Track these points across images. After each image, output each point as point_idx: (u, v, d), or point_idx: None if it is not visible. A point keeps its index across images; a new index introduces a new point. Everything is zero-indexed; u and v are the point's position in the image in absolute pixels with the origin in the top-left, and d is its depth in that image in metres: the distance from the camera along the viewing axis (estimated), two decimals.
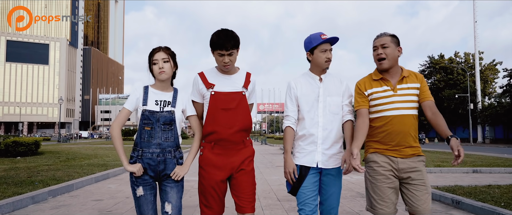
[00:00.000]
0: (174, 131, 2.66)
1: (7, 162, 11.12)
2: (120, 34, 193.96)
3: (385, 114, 2.74)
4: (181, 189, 2.72)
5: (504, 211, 4.64)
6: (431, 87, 60.14)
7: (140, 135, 2.62)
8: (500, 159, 13.76)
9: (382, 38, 2.78)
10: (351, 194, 6.69)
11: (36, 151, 14.77)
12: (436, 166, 11.11)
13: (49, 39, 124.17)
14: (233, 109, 2.68)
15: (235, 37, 2.63)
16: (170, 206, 2.62)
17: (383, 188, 2.72)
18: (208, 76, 2.76)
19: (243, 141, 2.73)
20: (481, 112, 48.56)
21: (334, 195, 2.80)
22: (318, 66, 2.84)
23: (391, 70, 2.80)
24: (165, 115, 2.62)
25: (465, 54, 58.98)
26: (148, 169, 2.61)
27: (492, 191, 6.10)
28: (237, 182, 2.71)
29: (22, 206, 5.49)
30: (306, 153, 2.78)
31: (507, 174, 9.93)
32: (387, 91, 2.77)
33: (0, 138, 13.78)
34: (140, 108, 2.63)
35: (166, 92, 2.74)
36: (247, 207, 2.68)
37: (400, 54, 2.80)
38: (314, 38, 2.79)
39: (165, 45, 2.75)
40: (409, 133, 2.70)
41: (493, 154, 17.75)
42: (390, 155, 2.73)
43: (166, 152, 2.63)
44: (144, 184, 2.61)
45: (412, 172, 2.68)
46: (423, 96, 2.77)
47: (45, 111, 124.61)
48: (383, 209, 2.70)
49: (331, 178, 2.80)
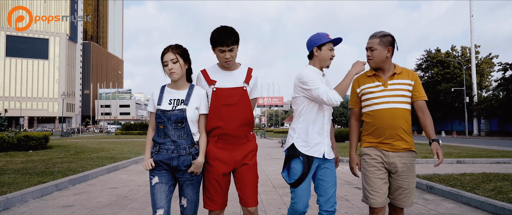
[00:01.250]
0: (186, 129, 2.69)
1: (21, 155, 11.86)
2: (119, 28, 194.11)
3: (376, 108, 2.90)
4: (198, 184, 2.79)
5: (466, 194, 5.41)
6: (428, 80, 60.90)
7: (157, 133, 2.74)
8: (485, 151, 14.54)
9: (370, 41, 2.94)
10: (340, 182, 7.45)
11: (46, 145, 15.51)
12: (423, 157, 11.89)
13: (49, 34, 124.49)
14: (235, 104, 2.75)
15: (235, 33, 2.72)
16: (185, 200, 2.73)
17: (374, 179, 2.87)
18: (210, 73, 2.84)
19: (246, 135, 2.80)
20: (477, 105, 49.32)
21: (332, 187, 2.91)
22: (323, 61, 2.96)
23: (383, 68, 2.95)
24: (176, 114, 2.67)
25: (462, 48, 59.63)
26: (163, 164, 2.70)
27: (464, 178, 6.85)
28: (240, 176, 2.78)
29: (48, 192, 6.25)
30: (314, 144, 2.88)
31: (488, 164, 10.71)
32: (379, 86, 2.92)
33: (12, 133, 14.50)
34: (156, 107, 2.74)
35: (181, 90, 2.78)
36: (250, 201, 2.76)
37: (389, 53, 2.91)
38: (323, 36, 2.94)
39: (175, 43, 2.79)
40: (400, 126, 2.83)
41: (482, 146, 18.52)
42: (382, 149, 2.88)
43: (181, 149, 2.69)
44: (160, 175, 2.70)
45: (400, 167, 2.84)
46: (416, 95, 2.92)
47: (45, 105, 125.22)
48: (374, 199, 2.84)
49: (328, 170, 2.92)
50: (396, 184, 2.87)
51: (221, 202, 2.76)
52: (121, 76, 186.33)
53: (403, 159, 2.83)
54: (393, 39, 2.90)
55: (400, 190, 2.85)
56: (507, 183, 6.05)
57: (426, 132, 2.90)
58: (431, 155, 12.50)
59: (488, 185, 5.99)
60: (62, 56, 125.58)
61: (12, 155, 11.99)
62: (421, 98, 2.90)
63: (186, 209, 2.72)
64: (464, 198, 5.39)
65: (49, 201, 5.68)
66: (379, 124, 2.85)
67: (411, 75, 2.93)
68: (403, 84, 2.88)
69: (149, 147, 2.77)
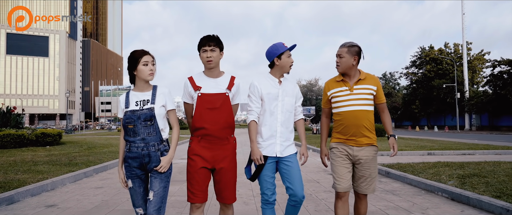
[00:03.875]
0: (155, 126, 2.88)
1: (41, 150, 13.34)
2: (118, 25, 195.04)
3: (343, 110, 3.31)
4: (165, 179, 2.94)
5: (409, 176, 6.93)
6: (422, 77, 62.44)
7: (126, 133, 2.91)
8: (455, 144, 16.08)
9: (340, 49, 3.32)
10: (318, 170, 8.94)
11: (59, 141, 16.98)
12: (399, 150, 13.43)
13: (49, 32, 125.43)
14: (217, 109, 2.99)
15: (218, 39, 3.03)
16: (152, 194, 2.86)
17: (340, 168, 3.29)
18: (196, 79, 3.09)
19: (227, 137, 3.05)
20: (468, 101, 50.85)
21: (297, 178, 3.18)
22: (283, 68, 3.27)
23: (350, 74, 3.32)
24: (145, 112, 2.85)
25: (455, 45, 61.08)
26: (135, 162, 2.89)
27: (419, 166, 8.33)
28: (220, 177, 3.03)
29: (79, 178, 7.75)
30: (267, 145, 3.19)
31: (453, 155, 12.19)
32: (345, 91, 3.31)
33: (30, 130, 15.95)
34: (124, 110, 2.93)
35: (146, 92, 2.98)
36: (229, 198, 3.06)
37: (355, 62, 3.28)
38: (280, 46, 3.24)
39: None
40: (362, 125, 3.25)
41: (464, 140, 19.96)
42: (348, 145, 3.30)
43: (150, 146, 2.86)
44: (133, 177, 2.91)
45: (363, 159, 3.27)
46: (378, 99, 3.36)
47: (46, 103, 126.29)
48: (340, 185, 3.27)
49: (290, 165, 3.20)
50: (359, 173, 3.31)
51: (202, 194, 2.97)
52: (121, 73, 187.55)
53: (366, 152, 3.27)
54: (359, 49, 3.30)
55: (363, 178, 3.29)
56: (446, 169, 7.57)
57: (385, 128, 3.44)
58: (405, 148, 14.04)
59: (431, 170, 7.50)
60: (62, 54, 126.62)
61: (33, 150, 13.46)
62: (382, 101, 3.39)
63: (152, 202, 2.84)
64: (407, 179, 6.91)
65: (82, 184, 7.17)
66: (346, 123, 3.28)
67: (374, 81, 3.34)
68: (366, 89, 3.29)
69: (121, 155, 3.00)
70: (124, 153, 2.94)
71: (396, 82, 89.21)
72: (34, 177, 7.04)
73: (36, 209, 5.08)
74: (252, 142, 3.14)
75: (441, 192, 5.76)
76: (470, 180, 6.18)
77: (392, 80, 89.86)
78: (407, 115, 68.64)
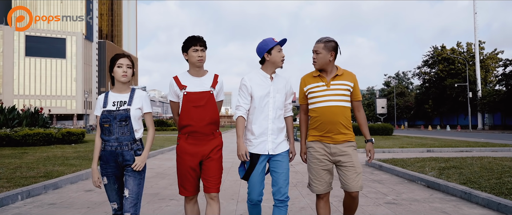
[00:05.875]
0: (129, 126, 2.96)
1: (68, 148, 14.52)
2: (133, 26, 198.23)
3: (319, 106, 3.22)
4: (139, 177, 3.02)
5: (398, 169, 7.82)
6: (435, 76, 62.65)
7: (102, 131, 3.00)
8: (454, 142, 16.92)
9: (316, 45, 3.25)
10: None
11: (83, 140, 18.20)
12: (400, 147, 14.30)
13: (66, 34, 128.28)
14: (202, 106, 3.07)
15: (204, 40, 3.13)
16: (127, 191, 2.96)
17: (317, 169, 3.21)
18: (181, 79, 3.15)
19: (212, 132, 3.11)
20: (480, 100, 50.97)
21: (284, 176, 3.15)
22: (274, 64, 3.21)
23: (327, 69, 3.25)
24: (121, 113, 2.95)
25: (467, 44, 61.13)
26: (109, 160, 2.98)
27: (410, 160, 9.17)
28: (206, 167, 3.09)
29: None
30: (258, 142, 3.15)
31: (450, 152, 12.99)
32: (322, 86, 3.23)
33: (55, 129, 17.20)
34: (101, 109, 3.00)
35: (124, 94, 3.06)
36: (213, 188, 3.08)
37: (332, 57, 3.21)
38: (270, 41, 3.19)
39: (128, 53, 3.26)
40: (339, 122, 3.15)
41: (470, 139, 20.60)
42: (325, 142, 3.21)
43: (123, 145, 2.95)
44: (107, 175, 3.01)
45: (342, 156, 3.17)
46: (354, 96, 3.29)
47: (63, 103, 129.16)
48: (316, 187, 3.20)
49: (279, 162, 3.16)
50: (343, 171, 3.19)
51: (192, 189, 3.13)
52: (135, 74, 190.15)
53: (343, 148, 3.19)
54: (336, 44, 3.22)
55: (349, 175, 3.15)
56: (433, 162, 8.43)
57: (361, 130, 3.37)
58: (406, 146, 14.87)
59: (419, 164, 8.38)
60: (79, 55, 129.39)
61: (61, 147, 14.66)
62: (357, 98, 3.31)
63: (128, 200, 2.95)
64: (395, 171, 7.84)
65: None
66: (322, 119, 3.19)
67: (351, 77, 3.27)
68: (343, 85, 3.21)
69: (97, 154, 3.05)
70: (100, 152, 3.03)
71: (409, 81, 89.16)
72: (69, 169, 8.13)
73: (78, 193, 6.14)
74: (239, 138, 3.12)
75: (420, 181, 6.67)
76: (447, 171, 7.06)
77: (405, 80, 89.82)
78: (420, 114, 68.83)
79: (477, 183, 5.81)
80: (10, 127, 16.76)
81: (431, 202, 5.27)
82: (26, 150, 12.71)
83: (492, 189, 5.33)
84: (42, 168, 8.15)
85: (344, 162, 3.16)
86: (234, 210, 4.98)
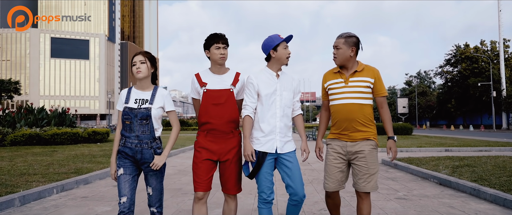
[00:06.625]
0: (150, 125, 2.96)
1: (94, 146, 15.14)
2: (154, 27, 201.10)
3: (336, 103, 3.18)
4: (161, 174, 3.08)
5: (412, 167, 8.01)
6: (458, 75, 61.61)
7: (123, 128, 3.01)
8: (474, 141, 16.85)
9: (337, 40, 3.18)
10: None
11: (107, 139, 18.87)
12: (418, 146, 14.38)
13: (89, 35, 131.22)
14: (222, 104, 3.06)
15: (226, 37, 3.12)
16: (150, 188, 3.07)
17: (331, 167, 3.19)
18: (203, 76, 3.16)
19: (232, 131, 3.11)
20: (505, 100, 49.94)
21: (297, 177, 3.09)
22: (280, 61, 3.14)
23: (347, 65, 3.17)
24: (142, 112, 2.95)
25: (491, 43, 59.91)
26: (129, 156, 2.99)
27: (425, 159, 9.32)
28: (225, 171, 3.13)
29: None
30: (266, 141, 3.08)
31: (469, 152, 13.01)
32: (340, 83, 3.16)
33: (82, 129, 17.91)
34: (123, 105, 3.01)
35: (146, 91, 3.06)
36: (232, 190, 3.15)
37: (353, 53, 3.13)
38: (275, 38, 3.11)
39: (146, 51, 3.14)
40: (355, 120, 3.08)
41: (494, 139, 20.41)
42: (342, 140, 3.17)
43: (143, 143, 2.95)
44: (125, 166, 2.99)
45: (358, 154, 3.10)
46: (376, 92, 3.15)
47: (87, 103, 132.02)
48: (328, 184, 3.20)
49: (289, 162, 3.10)
50: (355, 170, 3.14)
51: (204, 184, 3.05)
52: (157, 74, 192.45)
53: (360, 147, 3.09)
54: (357, 40, 3.15)
55: (360, 175, 3.09)
56: (448, 161, 8.57)
57: (385, 127, 3.21)
58: (424, 145, 14.92)
59: (434, 162, 8.53)
60: (102, 56, 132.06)
61: (87, 146, 15.30)
62: (380, 94, 3.16)
63: (152, 196, 3.08)
64: (409, 169, 8.03)
65: None
66: (338, 117, 3.15)
67: (371, 73, 3.14)
68: (362, 82, 3.11)
69: (116, 148, 3.06)
70: (119, 147, 3.03)
71: (431, 80, 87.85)
72: (97, 166, 8.62)
73: (107, 188, 6.58)
74: (245, 138, 3.06)
75: (433, 178, 6.86)
76: (460, 170, 7.22)
77: (427, 79, 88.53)
78: (442, 114, 67.82)
79: (488, 180, 5.98)
80: (40, 126, 17.57)
81: (441, 198, 5.48)
82: (55, 149, 13.38)
83: (501, 186, 5.50)
84: (72, 165, 8.67)
85: (358, 161, 3.10)
86: (252, 203, 5.28)
